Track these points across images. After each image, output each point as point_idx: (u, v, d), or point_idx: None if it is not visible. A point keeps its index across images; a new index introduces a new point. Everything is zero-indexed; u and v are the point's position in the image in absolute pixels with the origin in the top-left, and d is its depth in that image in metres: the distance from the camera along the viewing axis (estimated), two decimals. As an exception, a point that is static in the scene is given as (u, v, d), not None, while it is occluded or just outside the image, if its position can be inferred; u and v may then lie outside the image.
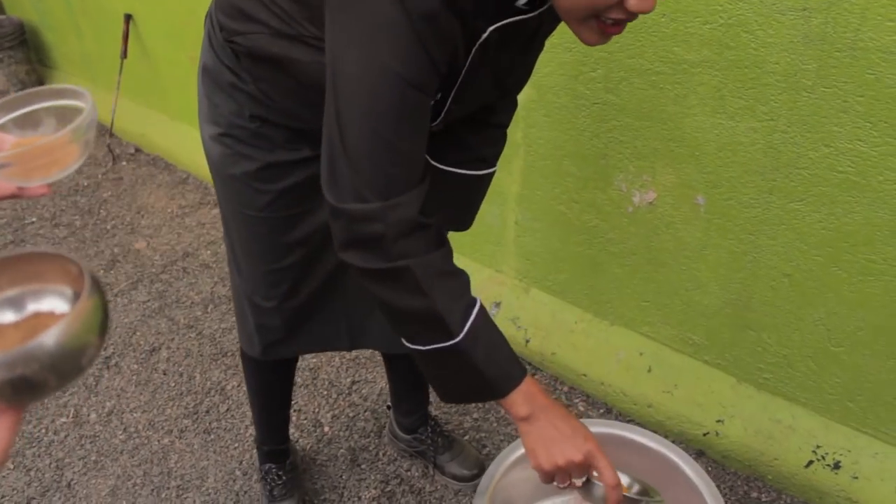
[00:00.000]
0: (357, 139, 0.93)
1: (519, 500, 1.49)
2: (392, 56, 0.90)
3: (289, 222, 1.41)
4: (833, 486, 1.82)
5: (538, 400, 1.12)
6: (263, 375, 1.77)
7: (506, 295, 2.39)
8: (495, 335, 1.09)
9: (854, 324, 1.69)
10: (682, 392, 2.04)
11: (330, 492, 2.01)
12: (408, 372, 1.90)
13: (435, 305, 1.01)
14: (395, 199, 0.96)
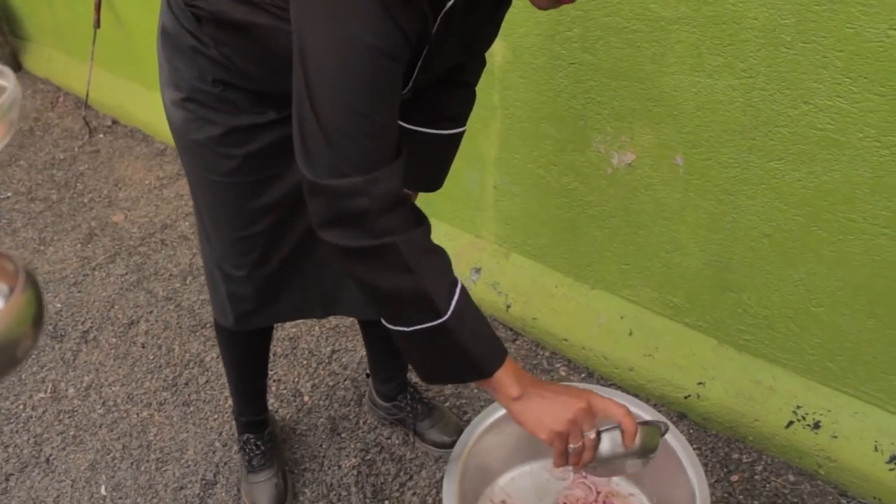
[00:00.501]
0: (332, 114, 0.91)
1: (493, 465, 1.48)
2: (362, 27, 0.88)
3: (256, 188, 1.37)
4: (813, 445, 1.82)
5: (525, 377, 1.12)
6: (238, 346, 1.75)
7: (486, 260, 2.37)
8: (478, 314, 1.08)
9: (834, 283, 1.68)
10: (663, 355, 2.03)
11: (310, 461, 1.99)
12: (384, 339, 1.86)
13: (422, 283, 0.99)
14: (375, 172, 0.94)
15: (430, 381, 1.17)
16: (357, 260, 1.00)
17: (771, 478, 1.86)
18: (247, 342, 1.73)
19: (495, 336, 1.10)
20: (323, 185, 0.94)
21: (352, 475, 1.94)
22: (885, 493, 1.75)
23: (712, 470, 1.89)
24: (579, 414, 1.10)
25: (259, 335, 1.73)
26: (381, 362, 1.95)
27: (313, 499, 1.91)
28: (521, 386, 1.10)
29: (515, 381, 1.10)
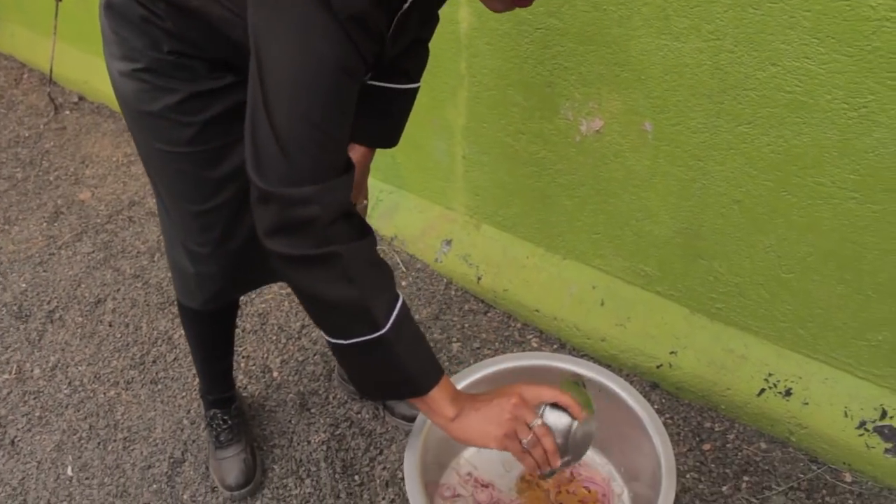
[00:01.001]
0: (288, 124, 0.92)
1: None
2: (321, 43, 0.90)
3: (216, 155, 1.33)
4: (784, 412, 1.81)
5: (460, 396, 1.13)
6: (203, 326, 1.71)
7: (456, 232, 2.34)
8: (417, 332, 1.09)
9: (804, 249, 1.67)
10: (635, 325, 2.02)
11: (279, 437, 1.97)
12: None
13: (363, 295, 1.00)
14: (327, 182, 0.96)
15: (367, 395, 1.18)
16: (300, 268, 1.00)
17: (743, 446, 1.85)
18: (212, 322, 1.70)
19: (433, 355, 1.11)
20: (275, 193, 0.95)
21: (321, 450, 1.92)
22: (855, 458, 1.75)
23: (684, 439, 1.88)
24: (515, 409, 1.11)
25: (225, 314, 1.70)
26: None
27: (282, 475, 1.89)
28: (456, 406, 1.11)
29: (451, 402, 1.11)
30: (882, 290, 1.61)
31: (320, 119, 0.93)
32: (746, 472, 1.78)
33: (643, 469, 1.35)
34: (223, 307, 1.63)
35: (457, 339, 2.20)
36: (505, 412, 1.11)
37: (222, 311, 1.66)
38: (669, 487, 1.24)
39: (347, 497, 1.81)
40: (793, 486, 1.75)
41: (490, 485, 1.42)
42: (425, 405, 1.13)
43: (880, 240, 1.56)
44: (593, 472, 1.45)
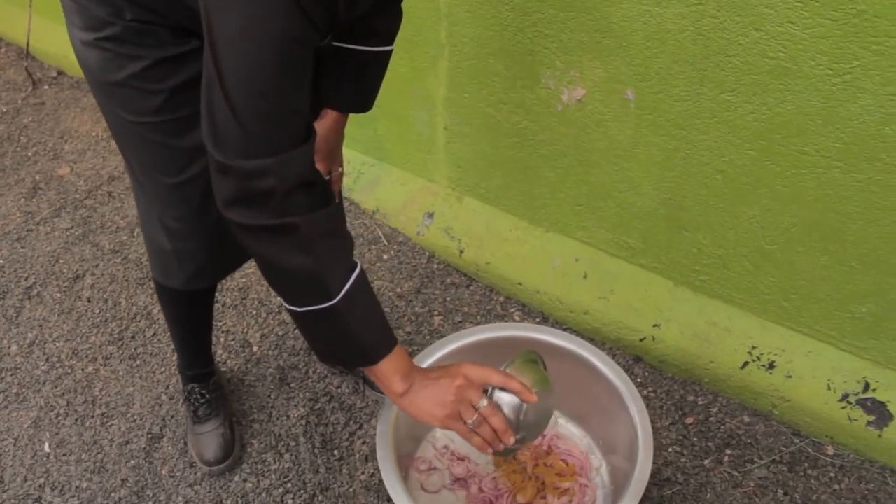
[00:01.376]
0: (243, 97, 0.92)
1: None
2: (273, 15, 0.88)
3: (186, 124, 1.29)
4: (767, 385, 1.80)
5: (412, 371, 1.13)
6: (182, 305, 1.68)
7: (438, 205, 2.32)
8: (372, 301, 1.10)
9: (788, 220, 1.65)
10: (618, 297, 2.00)
11: (258, 412, 1.95)
12: None
13: (317, 265, 1.01)
14: (285, 154, 0.96)
15: (323, 360, 1.18)
16: (258, 237, 1.01)
17: (726, 419, 1.85)
18: (191, 301, 1.67)
19: (387, 327, 1.12)
20: (232, 165, 0.96)
21: (300, 425, 1.91)
22: (837, 431, 1.74)
23: (667, 413, 1.87)
24: (459, 391, 1.12)
25: (204, 293, 1.67)
26: None
27: (261, 450, 1.87)
28: (406, 381, 1.12)
29: (401, 377, 1.12)
30: (865, 261, 1.59)
31: (274, 90, 0.92)
32: (729, 445, 1.78)
33: (621, 442, 1.34)
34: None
35: (438, 312, 2.19)
36: (448, 393, 1.11)
37: (201, 290, 1.63)
38: (646, 460, 1.23)
39: (326, 472, 1.80)
40: (775, 460, 1.74)
41: (466, 458, 1.40)
42: (376, 377, 1.14)
43: (864, 209, 1.53)
44: (571, 444, 1.44)
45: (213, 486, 1.81)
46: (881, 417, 1.69)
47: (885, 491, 1.68)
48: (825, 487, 1.68)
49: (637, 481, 1.19)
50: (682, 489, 1.70)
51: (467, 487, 1.36)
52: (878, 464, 1.72)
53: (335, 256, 1.04)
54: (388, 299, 2.23)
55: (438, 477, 1.38)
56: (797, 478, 1.71)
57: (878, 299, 1.63)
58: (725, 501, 1.68)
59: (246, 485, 1.80)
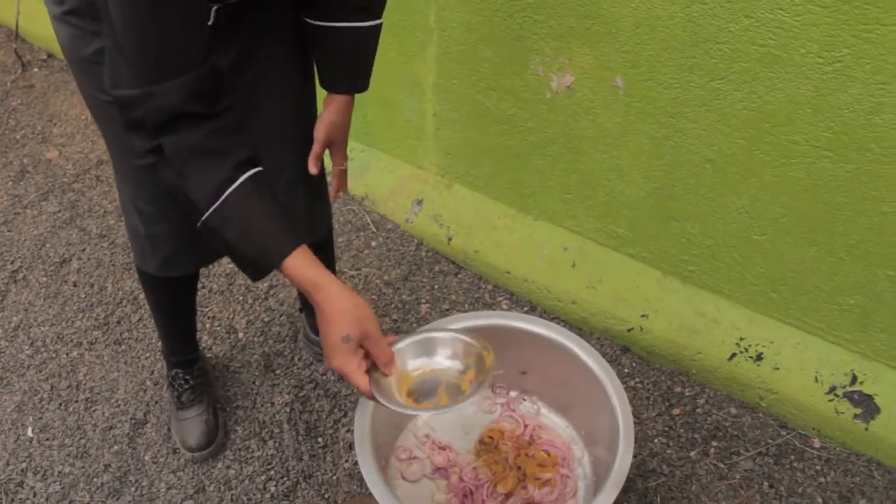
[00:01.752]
0: (122, 26, 0.94)
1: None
2: None
3: None
4: (755, 377, 1.79)
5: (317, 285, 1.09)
6: (164, 291, 1.67)
7: (428, 192, 2.30)
8: (255, 211, 1.05)
9: (777, 210, 1.63)
10: (606, 287, 1.98)
11: (243, 398, 1.94)
12: None
13: (186, 183, 1.02)
14: (157, 86, 0.96)
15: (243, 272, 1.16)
16: (149, 161, 1.03)
17: (713, 411, 1.83)
18: (173, 287, 1.65)
19: (278, 232, 1.08)
20: (113, 94, 0.99)
21: (284, 412, 1.89)
22: (824, 424, 1.73)
23: (654, 403, 1.86)
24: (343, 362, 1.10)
25: (184, 280, 1.66)
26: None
27: (245, 436, 1.86)
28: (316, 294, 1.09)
29: (311, 288, 1.09)
30: (854, 252, 1.58)
31: (150, 22, 0.93)
32: (715, 437, 1.76)
33: (603, 432, 1.32)
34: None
35: (426, 300, 2.17)
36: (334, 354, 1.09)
37: (182, 277, 1.61)
38: (626, 451, 1.21)
39: (310, 459, 1.79)
40: (761, 452, 1.72)
41: (448, 447, 1.39)
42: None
43: (853, 200, 1.52)
44: (554, 435, 1.42)
45: (195, 472, 1.80)
46: (868, 410, 1.68)
47: (870, 484, 1.67)
48: (811, 480, 1.67)
49: (617, 473, 1.17)
50: (667, 481, 1.68)
51: (448, 477, 1.35)
52: (865, 457, 1.70)
53: (203, 172, 1.02)
54: (376, 286, 2.22)
55: (419, 466, 1.36)
56: (783, 470, 1.69)
57: (866, 291, 1.61)
58: (711, 493, 1.66)
59: (229, 471, 1.79)
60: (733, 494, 1.65)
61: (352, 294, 1.10)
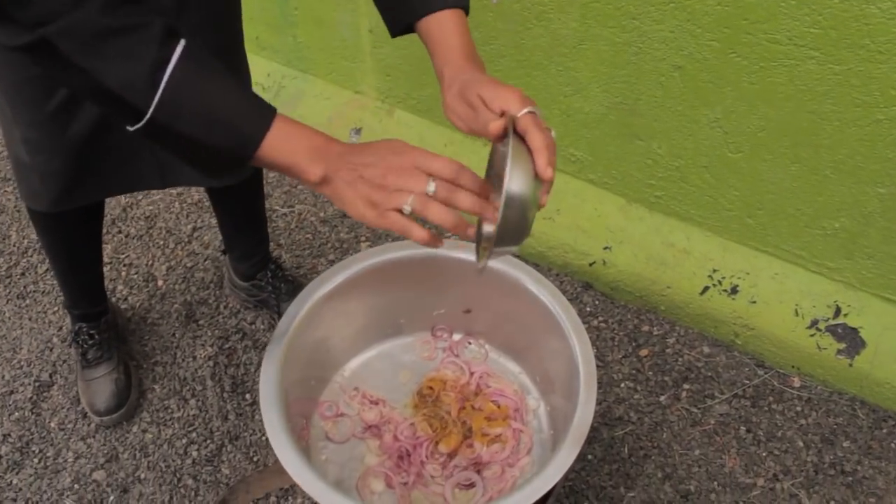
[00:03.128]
0: None
1: (340, 345, 1.23)
2: None
3: None
4: (729, 312, 1.68)
5: (326, 148, 0.81)
6: (60, 232, 1.45)
7: (367, 119, 2.11)
8: (209, 86, 0.79)
9: (755, 123, 1.48)
10: (564, 218, 1.84)
11: (161, 353, 1.75)
12: (236, 210, 1.63)
13: (104, 80, 0.75)
14: None
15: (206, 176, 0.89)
16: (31, 60, 0.76)
17: (683, 350, 1.72)
18: (71, 226, 1.43)
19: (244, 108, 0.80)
20: None
21: (208, 367, 1.71)
22: (804, 360, 1.63)
23: (619, 345, 1.74)
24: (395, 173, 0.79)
25: (83, 217, 1.44)
26: (235, 237, 1.70)
27: (163, 395, 1.67)
28: (318, 162, 0.80)
29: (308, 160, 0.80)
30: (841, 168, 1.44)
31: None
32: (687, 379, 1.66)
33: (561, 378, 1.16)
34: (81, 209, 1.36)
35: (366, 238, 2.00)
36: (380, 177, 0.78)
37: (82, 213, 1.40)
38: (588, 399, 1.04)
39: (237, 418, 1.62)
40: (737, 394, 1.63)
41: (380, 401, 1.21)
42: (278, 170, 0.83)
43: (841, 108, 1.37)
44: (504, 383, 1.24)
45: (107, 438, 1.62)
46: (853, 345, 1.59)
47: (854, 424, 1.58)
48: (791, 423, 1.58)
49: (578, 426, 1.00)
50: (635, 429, 1.57)
51: (381, 435, 1.17)
52: (848, 395, 1.62)
53: (125, 59, 0.75)
54: (311, 224, 2.03)
55: (347, 424, 1.18)
56: (761, 413, 1.60)
57: (853, 213, 1.49)
58: (683, 441, 1.55)
59: (145, 436, 1.62)
60: (708, 441, 1.55)
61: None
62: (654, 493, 1.47)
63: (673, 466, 1.51)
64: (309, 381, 1.18)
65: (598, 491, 1.47)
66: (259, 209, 1.66)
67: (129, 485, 1.54)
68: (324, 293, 1.13)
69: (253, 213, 1.65)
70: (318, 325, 1.14)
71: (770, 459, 1.52)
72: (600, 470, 1.50)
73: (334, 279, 1.14)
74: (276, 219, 2.04)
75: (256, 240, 1.70)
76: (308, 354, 1.13)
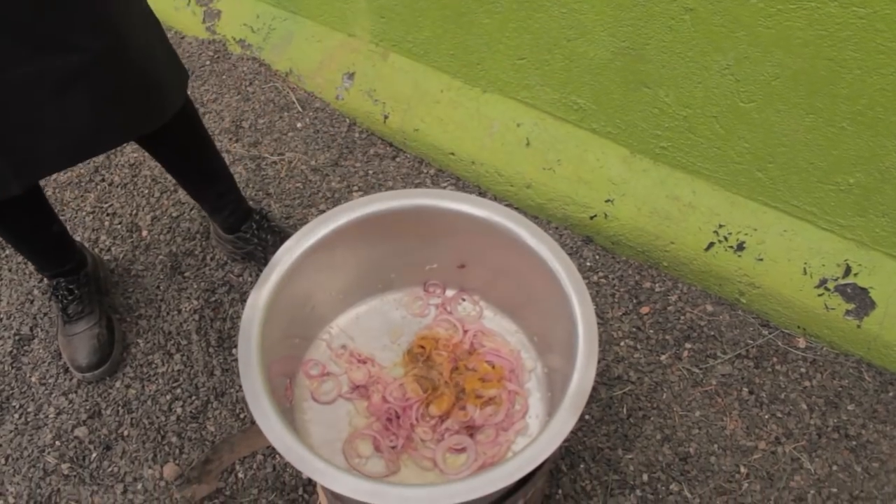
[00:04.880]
0: None
1: (327, 299, 1.17)
2: None
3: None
4: (735, 270, 1.63)
5: None
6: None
7: (360, 63, 2.04)
8: None
9: (769, 70, 1.41)
10: (565, 168, 1.77)
11: (146, 306, 1.70)
12: (178, 163, 1.53)
13: None
14: None
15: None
16: None
17: (686, 308, 1.67)
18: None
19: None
20: None
21: (193, 321, 1.66)
22: (811, 321, 1.58)
23: (620, 301, 1.69)
24: None
25: (15, 200, 1.31)
26: (194, 192, 1.63)
27: (147, 350, 1.63)
28: None
29: None
30: (859, 120, 1.37)
31: None
32: (689, 338, 1.62)
33: (560, 338, 1.10)
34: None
35: (359, 187, 1.93)
36: None
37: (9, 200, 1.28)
38: (589, 361, 0.99)
39: (223, 374, 1.58)
40: (740, 354, 1.59)
41: (369, 360, 1.15)
42: None
43: (863, 55, 1.29)
44: (499, 342, 1.19)
45: (90, 393, 1.58)
46: (862, 305, 1.54)
47: (860, 387, 1.54)
48: (795, 384, 1.54)
49: (577, 390, 0.94)
50: (634, 389, 1.53)
51: (368, 396, 1.12)
52: (854, 357, 1.58)
53: None
54: (301, 173, 1.97)
55: (333, 384, 1.13)
56: (764, 374, 1.56)
57: (869, 168, 1.43)
58: (684, 402, 1.51)
59: (129, 391, 1.57)
60: (709, 402, 1.52)
61: None
62: (652, 455, 1.43)
63: (672, 428, 1.47)
64: (293, 339, 1.13)
65: (595, 452, 1.44)
66: (204, 161, 1.55)
67: (111, 441, 1.50)
68: (309, 245, 1.07)
69: (198, 166, 1.55)
70: (302, 280, 1.08)
71: (772, 422, 1.48)
72: (597, 431, 1.46)
73: (320, 230, 1.08)
74: (266, 167, 1.97)
75: (218, 192, 1.62)
76: (292, 310, 1.08)
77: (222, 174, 1.60)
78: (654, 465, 1.42)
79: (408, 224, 1.14)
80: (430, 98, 1.95)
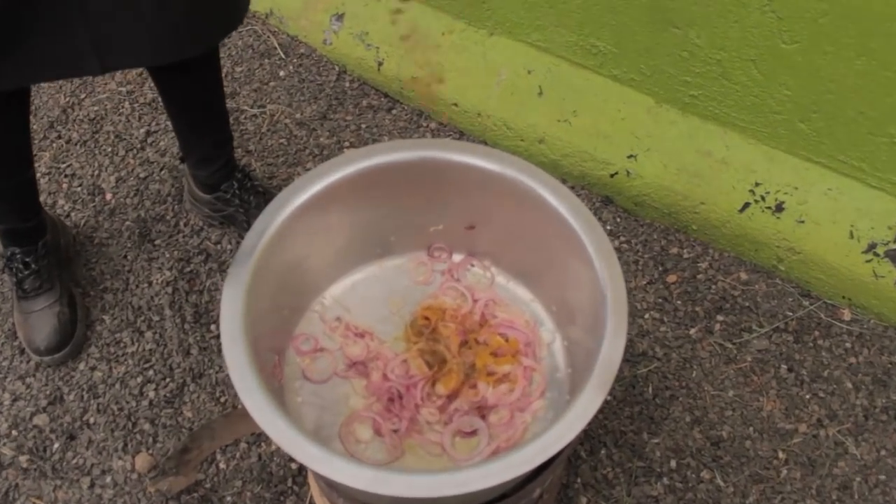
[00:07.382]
0: None
1: (319, 266, 1.19)
2: None
3: None
4: (773, 234, 1.68)
5: None
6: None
7: (350, 3, 2.07)
8: None
9: (815, 6, 1.43)
10: (582, 120, 1.82)
11: (112, 278, 1.72)
12: (190, 101, 1.55)
13: None
14: None
15: None
16: None
17: (718, 277, 1.73)
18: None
19: None
20: None
21: (166, 294, 1.69)
22: (858, 290, 1.63)
23: (644, 269, 1.74)
24: None
25: (7, 104, 1.35)
26: (191, 137, 1.64)
27: (115, 328, 1.65)
28: None
29: None
30: None
31: None
32: (721, 310, 1.66)
33: (582, 307, 1.12)
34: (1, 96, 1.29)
35: (350, 143, 1.97)
36: None
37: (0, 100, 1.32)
38: (618, 332, 1.00)
39: (200, 352, 1.61)
40: (778, 328, 1.62)
41: (367, 333, 1.18)
42: None
43: None
44: (514, 313, 1.22)
45: (50, 377, 1.60)
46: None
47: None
48: (839, 361, 1.58)
49: (604, 365, 0.96)
50: (660, 366, 1.56)
51: (367, 374, 1.15)
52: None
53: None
54: (285, 127, 2.00)
55: (328, 360, 1.16)
56: (805, 350, 1.59)
57: None
58: (715, 380, 1.55)
59: (94, 374, 1.60)
60: (743, 381, 1.55)
61: None
62: (680, 439, 1.46)
63: (703, 409, 1.50)
64: (281, 311, 1.14)
65: (618, 436, 1.46)
66: (217, 100, 1.59)
67: (75, 430, 1.52)
68: (298, 205, 1.08)
69: (210, 104, 1.58)
70: (291, 244, 1.09)
71: (814, 402, 1.52)
72: (620, 413, 1.49)
73: (311, 187, 1.09)
74: (245, 121, 2.00)
75: (217, 140, 1.64)
76: (280, 279, 1.09)
77: (226, 119, 1.63)
78: (683, 450, 1.45)
79: (410, 180, 1.15)
80: (430, 41, 1.99)
